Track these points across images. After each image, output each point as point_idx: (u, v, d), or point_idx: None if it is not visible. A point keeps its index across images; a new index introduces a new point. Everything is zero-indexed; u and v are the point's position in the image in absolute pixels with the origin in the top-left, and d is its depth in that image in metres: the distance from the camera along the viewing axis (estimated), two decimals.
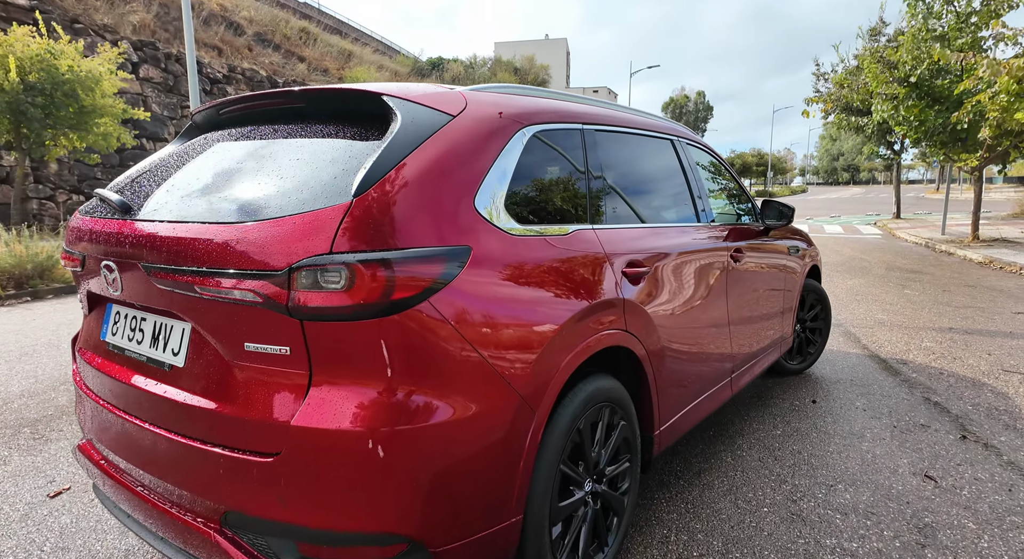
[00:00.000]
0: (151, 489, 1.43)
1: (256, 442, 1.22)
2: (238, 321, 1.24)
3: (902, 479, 2.52)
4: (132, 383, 1.45)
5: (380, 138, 1.37)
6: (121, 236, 1.43)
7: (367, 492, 1.19)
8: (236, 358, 1.26)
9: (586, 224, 1.81)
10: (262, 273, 1.18)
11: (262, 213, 1.25)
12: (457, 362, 1.28)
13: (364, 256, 1.17)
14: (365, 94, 1.48)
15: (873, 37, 16.12)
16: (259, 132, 1.62)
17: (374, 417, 1.19)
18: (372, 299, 1.17)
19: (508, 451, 1.39)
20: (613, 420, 1.86)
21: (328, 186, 1.27)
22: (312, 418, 1.18)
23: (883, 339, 4.88)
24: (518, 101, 1.73)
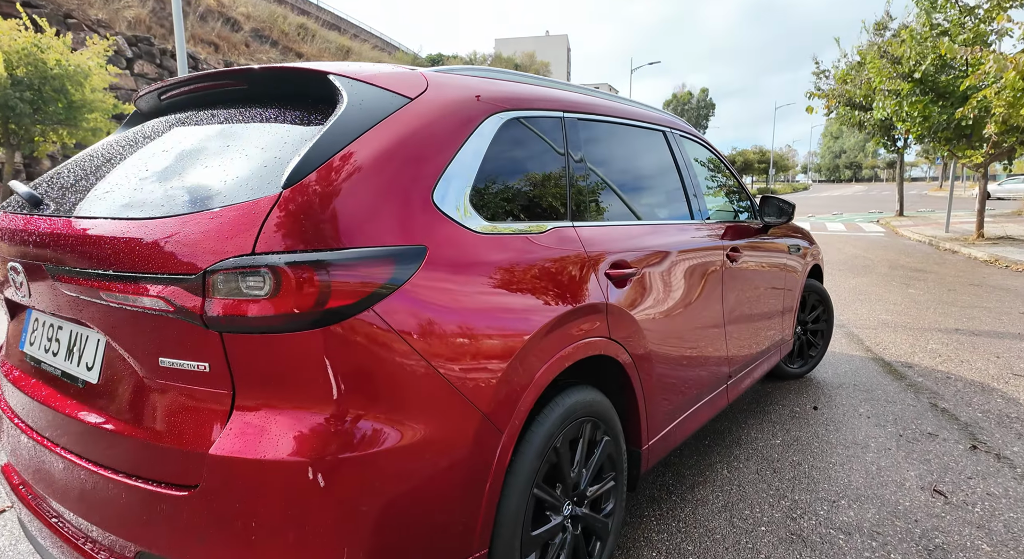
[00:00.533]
0: (63, 520, 1.27)
1: (171, 473, 1.05)
2: (151, 333, 1.07)
3: (909, 494, 2.36)
4: (45, 400, 1.29)
5: (324, 123, 1.20)
6: (25, 234, 1.27)
7: (300, 531, 1.03)
8: (151, 375, 1.10)
9: (566, 221, 1.65)
10: (173, 277, 1.01)
11: (178, 208, 1.09)
12: (408, 379, 1.12)
13: (293, 257, 1.00)
14: (310, 73, 1.31)
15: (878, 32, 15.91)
16: (198, 118, 1.45)
17: (309, 445, 1.02)
18: (303, 308, 1.00)
19: (469, 478, 1.23)
20: (596, 436, 1.69)
21: (257, 177, 1.10)
22: (234, 446, 1.01)
23: (887, 341, 4.71)
24: (490, 85, 1.56)
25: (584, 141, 1.84)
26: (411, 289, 1.14)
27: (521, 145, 1.58)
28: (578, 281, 1.56)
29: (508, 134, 1.53)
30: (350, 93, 1.24)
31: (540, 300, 1.42)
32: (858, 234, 14.43)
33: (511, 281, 1.36)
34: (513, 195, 1.51)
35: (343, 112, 1.19)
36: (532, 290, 1.41)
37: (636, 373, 1.82)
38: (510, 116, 1.55)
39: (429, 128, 1.29)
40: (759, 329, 2.85)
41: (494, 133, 1.48)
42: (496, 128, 1.49)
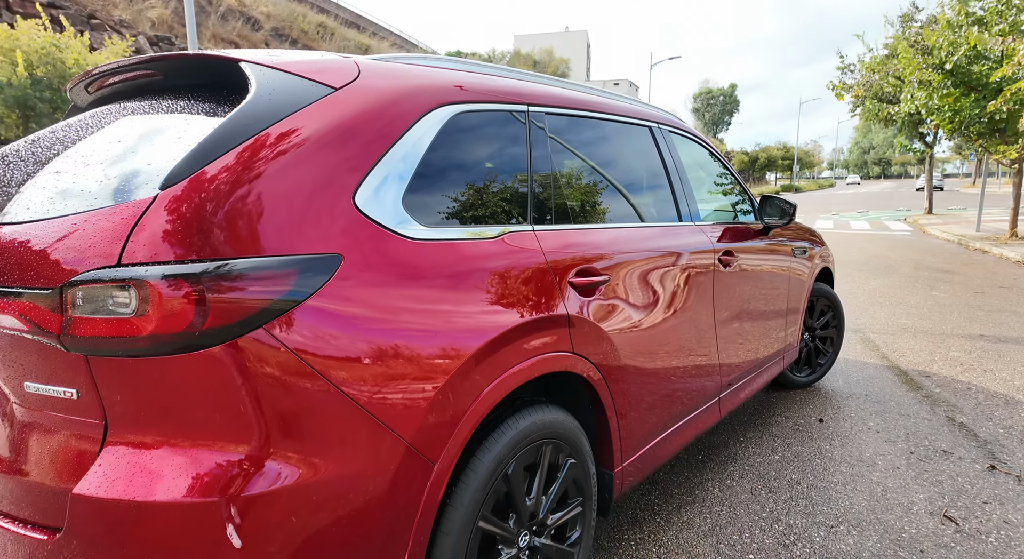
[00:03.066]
0: None
1: (36, 513, 0.94)
2: (15, 353, 0.96)
3: (916, 520, 2.16)
4: None
5: (227, 115, 1.08)
6: None
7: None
8: (19, 401, 0.99)
9: (524, 225, 1.50)
10: (28, 291, 0.90)
11: (45, 213, 0.97)
12: (312, 407, 0.99)
13: (165, 270, 0.88)
14: (220, 61, 1.19)
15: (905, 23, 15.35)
16: (115, 111, 1.34)
17: (190, 484, 0.90)
18: (176, 328, 0.88)
19: (391, 517, 1.10)
20: (558, 459, 1.55)
21: (138, 177, 0.98)
22: (101, 485, 0.90)
23: (905, 347, 4.45)
24: (435, 74, 1.42)
25: (551, 137, 1.69)
26: (319, 303, 1.01)
27: (472, 142, 1.44)
28: (534, 291, 1.42)
29: (456, 129, 1.39)
30: (259, 82, 1.11)
31: (485, 313, 1.28)
32: (883, 233, 13.95)
33: (450, 293, 1.23)
34: (459, 197, 1.37)
35: (247, 103, 1.06)
36: (475, 302, 1.27)
37: (607, 389, 1.67)
38: (459, 109, 1.41)
39: (353, 122, 1.16)
40: (757, 337, 2.66)
41: (438, 128, 1.34)
42: (441, 123, 1.35)
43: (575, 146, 1.80)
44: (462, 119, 1.42)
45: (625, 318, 1.73)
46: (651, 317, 1.86)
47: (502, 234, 1.42)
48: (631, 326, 1.76)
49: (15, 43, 9.79)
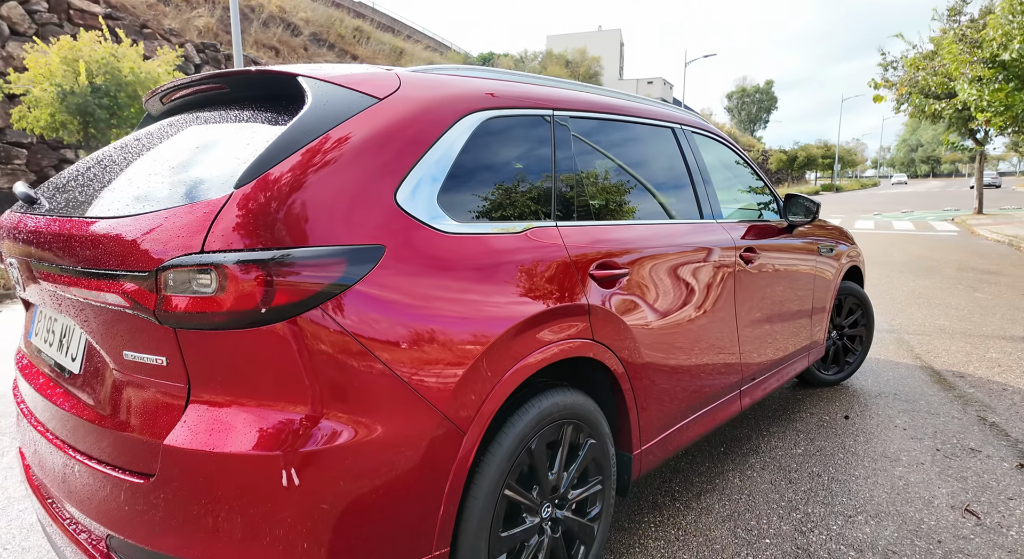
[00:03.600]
0: (56, 502, 1.37)
1: (132, 461, 1.12)
2: (116, 327, 1.14)
3: (937, 512, 2.19)
4: (41, 389, 1.40)
5: (288, 123, 1.24)
6: (17, 232, 1.38)
7: (251, 524, 1.07)
8: (118, 367, 1.17)
9: (548, 221, 1.63)
10: (129, 274, 1.07)
11: (141, 208, 1.15)
12: (360, 378, 1.14)
13: (240, 256, 1.04)
14: (282, 76, 1.35)
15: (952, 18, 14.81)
16: (188, 120, 1.53)
17: (258, 439, 1.06)
18: (248, 306, 1.04)
19: (428, 477, 1.24)
20: (578, 439, 1.67)
21: (216, 176, 1.15)
22: (187, 438, 1.07)
23: (940, 348, 4.39)
24: (467, 84, 1.56)
25: (575, 139, 1.81)
26: (365, 288, 1.16)
27: (501, 144, 1.57)
28: (556, 282, 1.54)
29: (486, 133, 1.53)
30: (315, 94, 1.27)
31: (510, 301, 1.41)
32: (927, 233, 13.50)
33: (479, 282, 1.36)
34: (488, 195, 1.51)
35: (305, 113, 1.22)
36: (502, 291, 1.40)
37: (625, 376, 1.78)
38: (489, 115, 1.55)
39: (394, 128, 1.31)
40: (781, 333, 2.72)
41: (469, 133, 1.48)
42: (472, 128, 1.49)
43: (597, 147, 1.92)
44: (491, 124, 1.56)
45: (644, 310, 1.84)
46: (670, 310, 1.96)
47: (527, 229, 1.55)
48: (650, 317, 1.86)
49: (78, 54, 10.43)
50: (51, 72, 10.29)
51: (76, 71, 10.39)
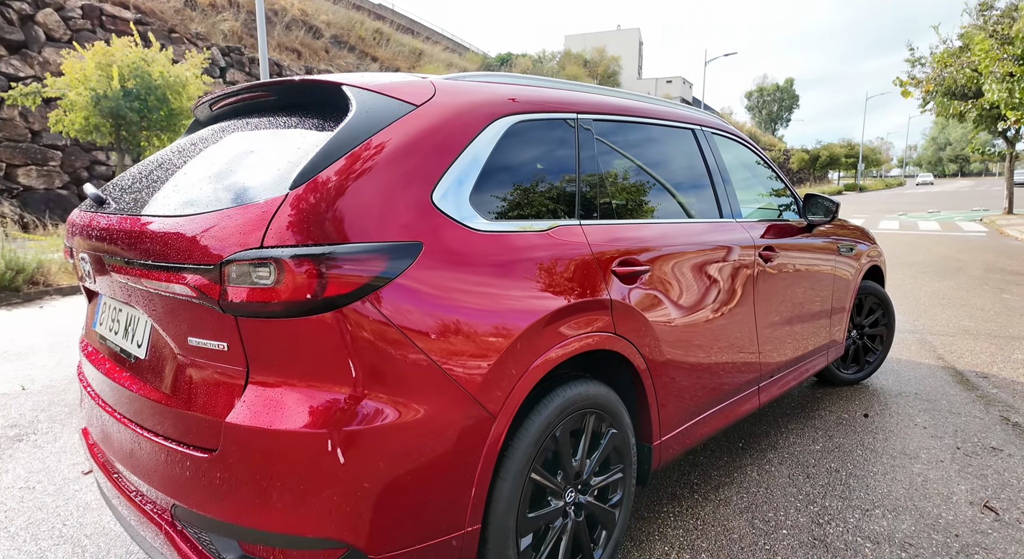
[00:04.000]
0: (123, 477, 1.49)
1: (196, 437, 1.23)
2: (181, 315, 1.25)
3: (955, 508, 2.22)
4: (108, 373, 1.52)
5: (335, 129, 1.34)
6: (90, 229, 1.50)
7: (302, 495, 1.17)
8: (182, 352, 1.28)
9: (572, 220, 1.71)
10: (196, 267, 1.18)
11: (205, 206, 1.26)
12: (401, 364, 1.23)
13: (295, 251, 1.14)
14: (327, 85, 1.46)
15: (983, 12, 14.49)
16: (237, 126, 1.64)
17: (309, 418, 1.16)
18: (303, 296, 1.14)
19: (461, 458, 1.33)
20: (600, 428, 1.74)
21: (271, 178, 1.26)
22: (247, 416, 1.17)
23: (964, 349, 4.36)
24: (496, 89, 1.65)
25: (598, 141, 1.89)
26: (405, 281, 1.25)
27: (527, 146, 1.66)
28: (580, 277, 1.62)
29: (514, 136, 1.61)
30: (359, 101, 1.37)
31: (537, 295, 1.49)
32: (954, 234, 13.24)
33: (508, 277, 1.45)
34: (517, 195, 1.59)
35: (350, 119, 1.32)
36: (529, 286, 1.48)
37: (646, 369, 1.85)
38: (517, 119, 1.63)
39: (430, 133, 1.40)
40: (800, 331, 2.76)
41: (500, 136, 1.57)
42: (501, 131, 1.57)
43: (619, 148, 1.99)
44: (519, 127, 1.64)
45: (664, 305, 1.91)
46: (690, 306, 2.02)
47: (552, 227, 1.63)
48: (670, 313, 1.93)
49: (111, 58, 10.78)
50: (86, 77, 10.64)
51: (109, 75, 10.72)
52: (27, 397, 3.38)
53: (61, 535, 2.05)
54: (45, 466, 2.55)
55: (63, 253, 1.75)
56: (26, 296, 6.64)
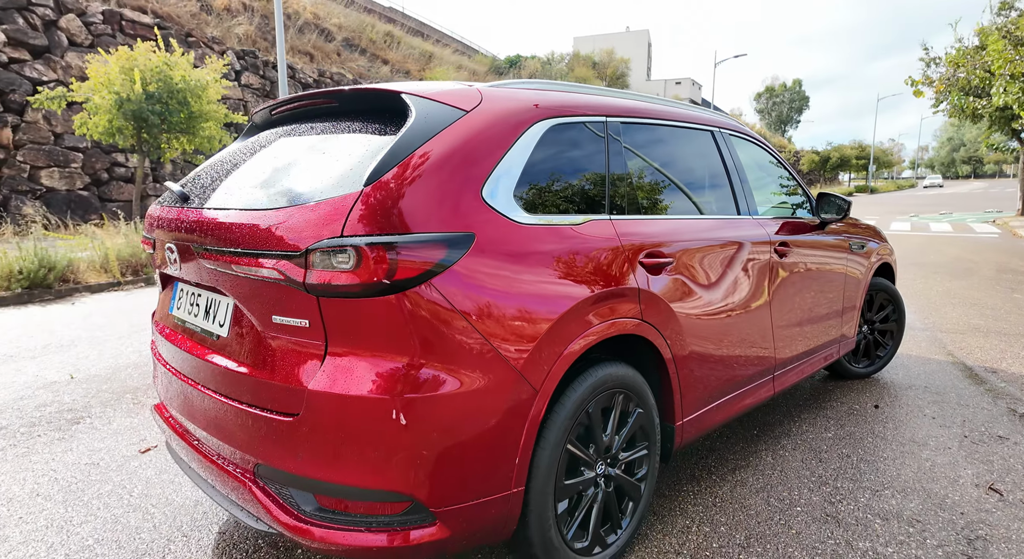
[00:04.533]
0: (204, 443, 1.66)
1: (280, 403, 1.39)
2: (267, 296, 1.42)
3: (961, 490, 2.35)
4: (190, 351, 1.69)
5: (397, 133, 1.50)
6: (178, 222, 1.67)
7: (373, 453, 1.33)
8: (266, 329, 1.44)
9: (603, 214, 1.86)
10: (284, 254, 1.34)
11: (288, 201, 1.42)
12: (458, 340, 1.39)
13: (370, 240, 1.30)
14: (386, 93, 1.62)
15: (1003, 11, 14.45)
16: (300, 129, 1.81)
17: (381, 386, 1.32)
18: (377, 279, 1.30)
19: (508, 427, 1.48)
20: (628, 407, 1.89)
21: (346, 176, 1.42)
22: (326, 384, 1.33)
23: (974, 345, 4.46)
24: (535, 96, 1.81)
25: (625, 142, 2.04)
26: (461, 268, 1.41)
27: (563, 147, 1.81)
28: (611, 267, 1.77)
29: (551, 138, 1.77)
30: (417, 108, 1.53)
31: (573, 283, 1.65)
32: (966, 235, 13.25)
33: (548, 265, 1.60)
34: (554, 191, 1.75)
35: (411, 124, 1.48)
36: (566, 274, 1.64)
37: (670, 353, 1.99)
38: (554, 122, 1.79)
39: (479, 135, 1.56)
40: (812, 323, 2.89)
41: (538, 137, 1.72)
42: (540, 133, 1.73)
43: (645, 149, 2.14)
44: (555, 130, 1.80)
45: (687, 295, 2.05)
46: (710, 296, 2.17)
47: (585, 221, 1.78)
48: (692, 302, 2.07)
49: (133, 63, 11.06)
50: (110, 81, 10.92)
51: (132, 79, 10.99)
52: (77, 385, 3.58)
53: (129, 504, 2.23)
54: (105, 445, 2.74)
55: (142, 244, 1.92)
56: (57, 293, 6.88)
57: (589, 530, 1.78)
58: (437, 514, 1.40)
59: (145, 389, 3.51)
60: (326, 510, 1.40)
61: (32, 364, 4.01)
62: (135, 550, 1.95)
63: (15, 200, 12.98)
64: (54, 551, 1.95)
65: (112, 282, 7.48)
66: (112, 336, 4.79)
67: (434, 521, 1.40)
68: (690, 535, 2.05)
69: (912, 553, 1.94)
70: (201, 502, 2.25)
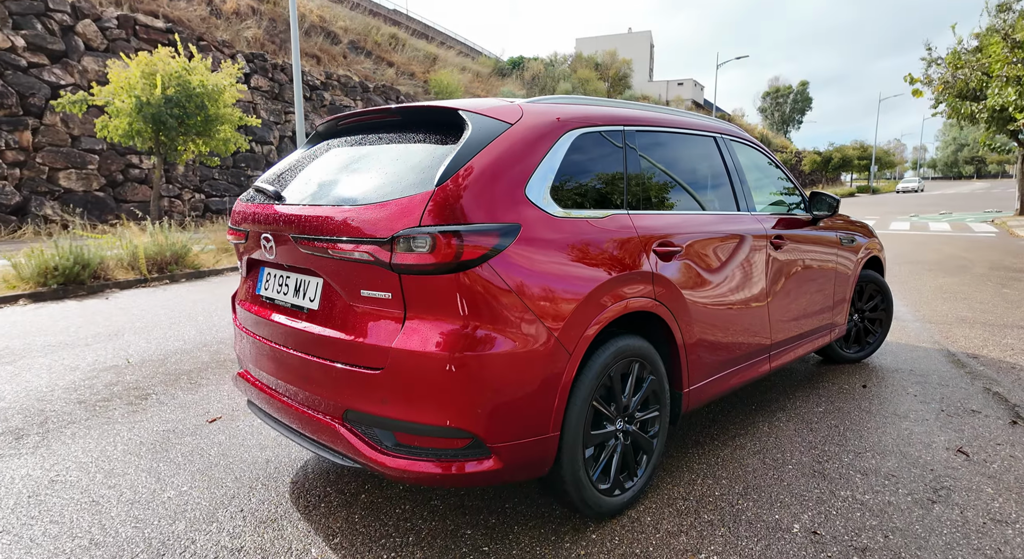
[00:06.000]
0: (293, 397, 2.00)
1: (368, 360, 1.73)
2: (357, 275, 1.76)
3: (933, 452, 2.67)
4: (281, 322, 2.02)
5: (456, 142, 1.84)
6: (276, 216, 2.01)
7: (443, 397, 1.66)
8: (354, 301, 1.78)
9: (623, 210, 2.19)
10: (374, 240, 1.68)
11: (373, 198, 1.76)
12: (509, 310, 1.73)
13: (442, 228, 1.64)
14: (445, 109, 1.95)
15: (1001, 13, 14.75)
16: (368, 139, 2.14)
17: (449, 344, 1.66)
18: (447, 259, 1.64)
19: (547, 380, 1.81)
20: (643, 374, 2.22)
21: (419, 178, 1.75)
22: (406, 343, 1.67)
23: (959, 335, 4.78)
24: (565, 109, 2.14)
25: (640, 147, 2.37)
26: (510, 252, 1.75)
27: (588, 152, 2.15)
28: (630, 254, 2.11)
29: (579, 145, 2.10)
30: (472, 122, 1.87)
31: (599, 267, 1.98)
32: (964, 234, 13.55)
33: (578, 251, 1.94)
34: (581, 189, 2.08)
35: (469, 136, 1.82)
36: (593, 259, 1.97)
37: (678, 329, 2.32)
38: (581, 132, 2.12)
39: (523, 144, 1.90)
40: (805, 309, 3.22)
41: (568, 144, 2.06)
42: (570, 141, 2.07)
43: (657, 153, 2.47)
44: (582, 138, 2.13)
45: (692, 278, 2.38)
46: (713, 281, 2.50)
47: (608, 215, 2.11)
48: (697, 286, 2.40)
49: (154, 67, 11.43)
50: (130, 85, 11.28)
51: (153, 83, 11.35)
52: (135, 368, 3.93)
53: (210, 461, 2.57)
54: (175, 416, 3.08)
55: (228, 234, 2.27)
56: (90, 289, 7.23)
57: (611, 475, 2.11)
58: (492, 449, 1.73)
59: (198, 371, 3.86)
60: (402, 445, 1.74)
61: (88, 351, 4.36)
62: (225, 493, 2.29)
63: (35, 201, 13.36)
64: (158, 493, 2.29)
65: (139, 279, 7.83)
66: (153, 326, 5.14)
67: (489, 455, 1.73)
68: (695, 486, 2.38)
69: (886, 499, 2.26)
70: (271, 460, 2.59)
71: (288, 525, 2.09)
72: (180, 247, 8.61)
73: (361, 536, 2.03)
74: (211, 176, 17.04)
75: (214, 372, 3.85)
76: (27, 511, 2.20)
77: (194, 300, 6.52)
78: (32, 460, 2.61)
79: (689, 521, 2.13)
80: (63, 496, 2.30)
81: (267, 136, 18.79)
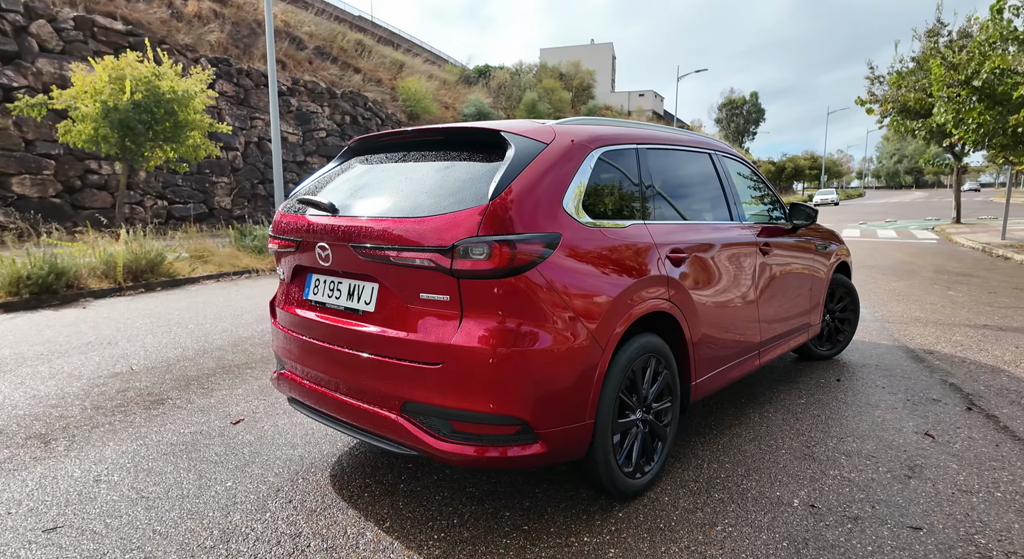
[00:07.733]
0: (348, 392, 2.14)
1: (427, 356, 1.90)
2: (417, 279, 1.93)
3: (904, 436, 3.01)
4: (333, 323, 2.17)
5: (501, 160, 2.04)
6: (334, 227, 2.16)
7: (497, 388, 1.85)
8: (412, 303, 1.95)
9: (640, 220, 2.43)
10: (436, 248, 1.86)
11: (432, 210, 1.94)
12: (554, 310, 1.93)
13: (497, 238, 1.83)
14: (488, 131, 2.16)
15: (931, 38, 15.92)
16: (411, 156, 2.32)
17: (502, 340, 1.85)
18: (502, 265, 1.83)
19: (584, 373, 2.02)
20: (658, 368, 2.46)
21: (472, 193, 1.94)
22: (463, 340, 1.85)
23: (915, 333, 5.23)
24: (590, 130, 2.37)
25: (652, 163, 2.62)
26: (553, 258, 1.95)
27: (610, 168, 2.38)
28: (649, 260, 2.34)
29: (602, 162, 2.33)
30: (515, 143, 2.07)
31: (626, 271, 2.21)
32: (909, 241, 14.50)
33: (607, 257, 2.16)
34: (605, 201, 2.31)
35: (513, 155, 2.02)
36: (621, 263, 2.20)
37: (687, 328, 2.57)
38: (603, 150, 2.35)
39: (559, 161, 2.11)
40: (787, 310, 3.53)
41: (594, 162, 2.29)
42: (596, 158, 2.29)
43: (664, 168, 2.73)
44: (606, 155, 2.36)
45: (699, 283, 2.64)
46: (715, 284, 2.76)
47: (629, 225, 2.35)
48: (702, 289, 2.66)
49: (121, 72, 11.16)
50: (96, 89, 10.98)
51: (120, 88, 11.06)
52: (142, 375, 3.94)
53: (246, 459, 2.67)
54: (197, 420, 3.14)
55: (270, 243, 2.40)
56: (63, 298, 7.04)
57: (633, 459, 2.33)
58: (539, 434, 1.93)
59: (207, 377, 3.90)
60: (459, 432, 1.91)
61: (86, 359, 4.33)
62: (269, 487, 2.40)
63: None
64: (204, 489, 2.39)
65: (114, 287, 7.65)
66: (145, 334, 5.11)
67: (536, 440, 1.93)
68: (703, 470, 2.63)
69: (869, 476, 2.56)
70: (304, 457, 2.70)
71: (338, 513, 2.23)
72: (155, 255, 8.46)
73: (408, 520, 2.19)
74: (174, 182, 16.62)
75: (223, 377, 3.90)
76: (81, 507, 2.27)
77: (178, 308, 6.46)
78: (68, 462, 2.66)
79: (703, 500, 2.37)
80: (113, 493, 2.37)
81: (233, 142, 18.45)
